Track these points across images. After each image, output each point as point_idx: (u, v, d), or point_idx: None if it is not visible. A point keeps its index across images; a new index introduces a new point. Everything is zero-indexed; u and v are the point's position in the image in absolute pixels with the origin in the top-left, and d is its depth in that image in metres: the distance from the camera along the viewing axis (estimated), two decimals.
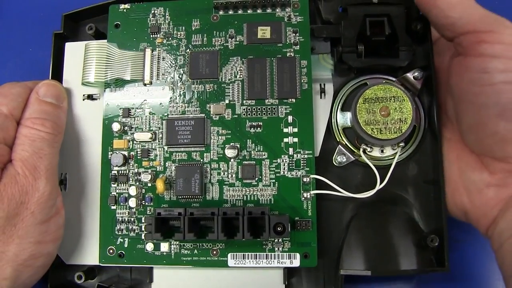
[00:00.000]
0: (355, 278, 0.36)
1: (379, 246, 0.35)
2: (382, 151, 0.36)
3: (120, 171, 0.36)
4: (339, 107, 0.37)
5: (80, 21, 0.40)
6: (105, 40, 0.37)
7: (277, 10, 0.37)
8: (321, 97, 0.37)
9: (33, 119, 0.34)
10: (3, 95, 0.34)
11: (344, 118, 0.37)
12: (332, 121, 0.37)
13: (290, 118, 0.35)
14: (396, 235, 0.35)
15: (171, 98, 0.36)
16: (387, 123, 0.34)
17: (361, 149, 0.36)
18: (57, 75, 0.38)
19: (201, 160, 0.36)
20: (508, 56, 0.30)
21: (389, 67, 0.37)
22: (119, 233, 0.35)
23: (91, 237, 0.36)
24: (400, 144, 0.35)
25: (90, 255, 0.36)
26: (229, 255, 0.35)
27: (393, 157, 0.36)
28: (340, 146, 0.36)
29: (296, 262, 0.34)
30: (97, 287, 0.36)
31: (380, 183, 0.35)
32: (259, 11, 0.37)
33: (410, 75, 0.36)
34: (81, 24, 0.40)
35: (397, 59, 0.36)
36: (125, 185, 0.36)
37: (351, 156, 0.36)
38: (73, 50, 0.38)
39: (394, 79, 0.37)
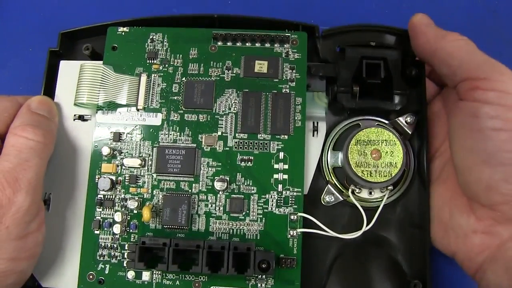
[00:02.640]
0: None
1: (363, 287, 0.35)
2: (370, 193, 0.36)
3: (106, 196, 0.36)
4: (331, 146, 0.37)
5: (77, 40, 0.39)
6: (101, 62, 0.37)
7: (276, 45, 0.37)
8: (313, 135, 0.37)
9: (23, 126, 0.33)
10: None
11: (334, 158, 0.37)
12: (323, 160, 0.37)
13: (281, 155, 0.35)
14: (380, 278, 0.35)
15: (163, 125, 0.36)
16: (378, 166, 0.34)
17: (350, 190, 0.36)
18: (49, 91, 0.38)
19: (190, 191, 0.35)
20: (500, 103, 0.30)
21: (383, 110, 0.37)
22: (101, 259, 0.35)
23: (70, 261, 0.35)
24: (389, 188, 0.36)
25: (68, 279, 0.35)
26: None
27: (381, 199, 0.36)
28: (329, 185, 0.36)
29: None
30: None
31: (367, 225, 0.35)
32: (257, 44, 0.37)
33: (402, 120, 0.36)
34: (77, 42, 0.39)
35: (390, 103, 0.36)
36: (111, 210, 0.35)
37: (339, 196, 0.36)
38: (67, 69, 0.38)
39: (386, 121, 0.37)
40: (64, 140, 0.37)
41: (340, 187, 0.36)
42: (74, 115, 0.37)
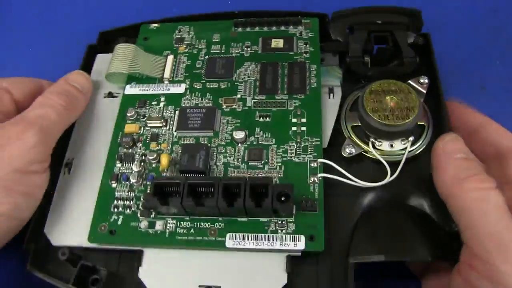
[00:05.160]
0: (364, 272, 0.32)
1: (391, 234, 0.32)
2: (391, 145, 0.35)
3: (126, 152, 0.36)
4: (348, 108, 0.38)
5: (113, 37, 0.44)
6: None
7: (290, 27, 0.41)
8: (329, 97, 0.38)
9: (51, 92, 0.36)
10: (12, 79, 0.37)
11: (352, 117, 0.37)
12: (341, 120, 0.37)
13: (298, 111, 0.36)
14: (409, 226, 0.32)
15: (186, 93, 0.38)
16: (394, 111, 0.34)
17: (370, 142, 0.35)
18: None
19: (209, 144, 0.35)
20: None
21: (395, 76, 0.38)
22: (115, 210, 0.34)
23: (84, 220, 0.34)
24: (410, 139, 0.35)
25: (79, 236, 0.33)
26: (227, 235, 0.32)
27: (402, 152, 0.35)
28: (348, 139, 0.36)
29: (301, 245, 0.31)
30: (81, 266, 0.32)
31: (391, 175, 0.34)
32: (273, 28, 0.41)
33: (415, 82, 0.37)
34: (113, 39, 0.44)
35: (402, 67, 0.38)
36: (130, 165, 0.35)
37: (359, 148, 0.36)
38: (102, 61, 0.42)
39: None
40: (93, 116, 0.39)
41: (360, 143, 0.36)
42: (104, 94, 0.40)
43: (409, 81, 0.37)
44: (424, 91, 0.37)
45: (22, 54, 0.51)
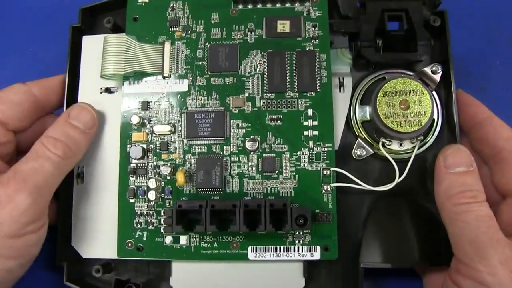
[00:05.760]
0: (374, 272, 0.36)
1: (398, 239, 0.35)
2: (400, 145, 0.36)
3: (139, 164, 0.36)
4: (358, 101, 0.37)
5: (97, 15, 0.40)
6: (124, 34, 0.37)
7: (296, 4, 0.37)
8: (340, 91, 0.37)
9: (49, 138, 0.33)
10: (3, 101, 0.34)
11: (362, 112, 0.37)
12: (351, 114, 0.37)
13: (310, 111, 0.36)
14: (415, 228, 0.35)
15: (190, 91, 0.36)
16: (407, 116, 0.34)
17: (380, 143, 0.36)
18: (74, 67, 0.38)
19: (221, 153, 0.35)
20: None
21: (407, 62, 0.37)
22: (138, 226, 0.35)
23: (108, 230, 0.36)
24: (419, 138, 0.36)
25: (108, 248, 0.36)
26: (249, 248, 0.34)
27: (411, 150, 0.36)
28: (359, 139, 0.36)
29: (317, 255, 0.34)
30: (115, 281, 0.35)
31: (399, 176, 0.35)
32: (278, 5, 0.37)
33: (428, 69, 0.36)
34: (98, 18, 0.40)
35: (415, 53, 0.36)
36: (144, 178, 0.36)
37: (370, 149, 0.36)
38: (90, 44, 0.38)
39: (412, 73, 0.37)
40: None
41: (370, 141, 0.36)
42: (101, 88, 0.38)
43: (423, 69, 0.36)
44: (437, 80, 0.36)
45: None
